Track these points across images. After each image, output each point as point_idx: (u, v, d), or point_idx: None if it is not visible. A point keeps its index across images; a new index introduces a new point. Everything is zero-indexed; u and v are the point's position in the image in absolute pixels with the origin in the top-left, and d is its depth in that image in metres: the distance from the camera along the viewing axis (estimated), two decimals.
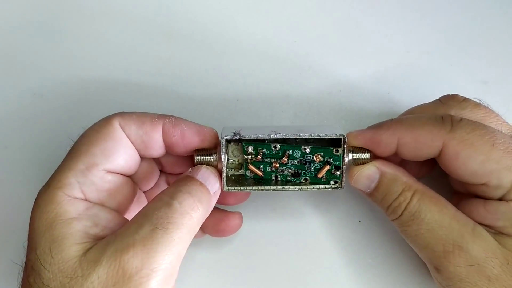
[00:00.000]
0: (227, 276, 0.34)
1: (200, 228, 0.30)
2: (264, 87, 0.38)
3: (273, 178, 0.30)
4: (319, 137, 0.29)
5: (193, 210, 0.26)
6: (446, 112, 0.30)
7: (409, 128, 0.28)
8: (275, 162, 0.30)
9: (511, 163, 0.26)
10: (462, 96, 0.31)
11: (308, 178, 0.30)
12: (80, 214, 0.26)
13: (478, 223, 0.28)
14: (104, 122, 0.29)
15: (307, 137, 0.29)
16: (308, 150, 0.30)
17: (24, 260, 0.26)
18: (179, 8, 0.39)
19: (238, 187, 0.30)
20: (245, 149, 0.30)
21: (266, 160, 0.30)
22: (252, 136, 0.29)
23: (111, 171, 0.28)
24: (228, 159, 0.31)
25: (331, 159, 0.30)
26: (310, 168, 0.30)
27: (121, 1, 0.39)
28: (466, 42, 0.39)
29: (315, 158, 0.30)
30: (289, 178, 0.30)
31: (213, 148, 0.30)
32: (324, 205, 0.36)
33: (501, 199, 0.27)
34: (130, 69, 0.38)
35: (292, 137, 0.29)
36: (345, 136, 0.29)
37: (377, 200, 0.30)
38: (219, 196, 0.30)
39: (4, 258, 0.34)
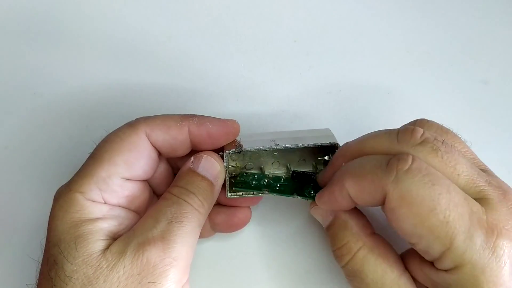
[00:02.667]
0: (227, 276, 0.34)
1: (211, 227, 0.33)
2: (264, 87, 0.38)
3: (263, 191, 0.32)
4: (315, 145, 0.30)
5: (199, 207, 0.28)
6: (399, 151, 0.26)
7: (354, 179, 0.27)
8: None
9: (444, 234, 0.24)
10: (420, 136, 0.26)
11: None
12: (104, 215, 0.27)
13: (423, 283, 0.27)
14: (130, 130, 0.29)
15: (304, 146, 0.30)
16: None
17: (42, 257, 0.27)
18: (179, 9, 0.39)
19: (241, 193, 0.31)
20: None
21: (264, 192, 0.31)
22: (253, 148, 0.30)
23: (131, 179, 0.29)
24: (228, 166, 0.31)
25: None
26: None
27: (122, 3, 0.39)
28: (466, 42, 0.39)
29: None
30: (275, 193, 0.32)
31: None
32: None
33: (433, 264, 0.26)
34: (130, 69, 0.38)
35: (291, 147, 0.30)
36: (338, 144, 0.30)
37: (329, 239, 0.30)
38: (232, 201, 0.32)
39: (4, 255, 0.34)
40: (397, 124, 0.30)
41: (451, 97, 0.38)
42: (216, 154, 0.30)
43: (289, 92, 0.38)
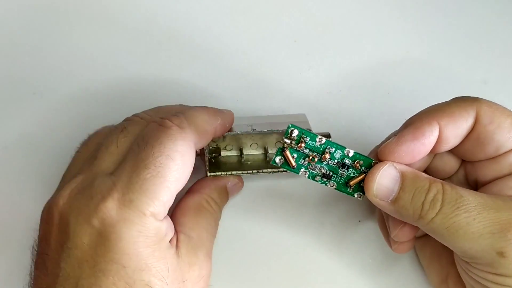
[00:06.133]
0: (227, 276, 0.34)
1: None
2: (264, 87, 0.38)
3: (300, 172, 0.29)
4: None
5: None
6: None
7: (442, 110, 0.28)
8: (313, 155, 0.28)
9: None
10: None
11: (336, 183, 0.29)
12: (167, 228, 0.28)
13: None
14: (186, 144, 0.27)
15: (280, 131, 0.32)
16: (350, 154, 0.28)
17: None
18: (179, 8, 0.39)
19: (219, 172, 0.32)
20: (289, 131, 0.27)
21: (305, 151, 0.28)
22: (233, 134, 0.32)
23: None
24: (208, 146, 0.32)
25: (367, 170, 0.28)
26: (343, 173, 0.29)
27: (121, 2, 0.39)
28: (466, 42, 0.39)
29: (356, 165, 0.28)
30: (316, 179, 0.29)
31: None
32: (324, 205, 0.36)
33: None
34: (129, 69, 0.38)
35: (267, 132, 0.32)
36: (311, 130, 0.30)
37: (405, 204, 0.26)
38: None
39: (5, 257, 0.34)
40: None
41: (451, 97, 0.38)
42: None
43: (289, 92, 0.38)
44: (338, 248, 0.35)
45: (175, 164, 0.26)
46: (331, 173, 0.29)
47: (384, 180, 0.27)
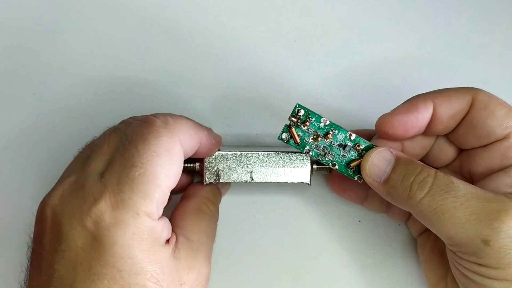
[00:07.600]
0: (227, 276, 0.34)
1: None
2: (264, 87, 0.38)
3: (305, 150, 0.30)
4: (292, 182, 0.32)
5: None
6: None
7: (439, 92, 0.29)
8: (316, 135, 0.30)
9: None
10: None
11: (338, 164, 0.30)
12: (163, 228, 0.27)
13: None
14: (170, 139, 0.27)
15: (278, 182, 0.32)
16: (352, 137, 0.30)
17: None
18: (179, 7, 0.39)
19: (218, 180, 0.33)
20: (295, 110, 0.30)
21: (310, 130, 0.30)
22: (231, 180, 0.32)
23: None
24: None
25: None
26: (345, 155, 0.30)
27: (122, 2, 0.39)
28: (466, 42, 0.39)
29: (357, 147, 0.30)
30: (320, 158, 0.30)
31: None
32: (324, 205, 0.36)
33: None
34: (129, 69, 0.38)
35: (265, 182, 0.32)
36: (308, 183, 0.32)
37: (395, 184, 0.27)
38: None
39: (5, 258, 0.34)
40: None
41: None
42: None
43: (289, 92, 0.38)
44: (338, 248, 0.35)
45: (162, 160, 0.26)
46: (333, 154, 0.30)
47: (377, 160, 0.28)
